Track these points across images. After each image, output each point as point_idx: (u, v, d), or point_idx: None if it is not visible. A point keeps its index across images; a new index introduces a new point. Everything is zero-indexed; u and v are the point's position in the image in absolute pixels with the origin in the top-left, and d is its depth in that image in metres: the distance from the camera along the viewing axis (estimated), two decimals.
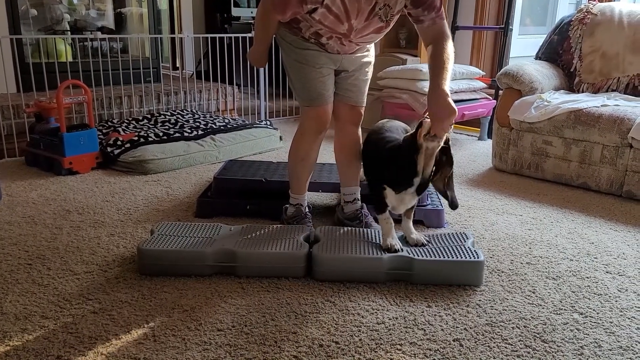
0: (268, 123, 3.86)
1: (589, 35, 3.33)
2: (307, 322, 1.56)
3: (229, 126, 3.60)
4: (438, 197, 2.42)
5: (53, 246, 2.06)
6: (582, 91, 3.28)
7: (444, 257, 1.79)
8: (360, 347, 1.45)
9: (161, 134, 3.31)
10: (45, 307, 1.62)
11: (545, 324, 1.58)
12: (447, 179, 1.82)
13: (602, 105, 2.83)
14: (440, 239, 1.96)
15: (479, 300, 1.71)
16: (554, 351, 1.45)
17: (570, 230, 2.31)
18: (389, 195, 1.85)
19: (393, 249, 1.83)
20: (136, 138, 3.21)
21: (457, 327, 1.55)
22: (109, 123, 3.64)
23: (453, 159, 1.80)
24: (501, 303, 1.69)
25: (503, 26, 4.06)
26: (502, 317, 1.61)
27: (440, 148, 1.74)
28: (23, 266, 1.89)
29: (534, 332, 1.54)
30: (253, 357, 1.40)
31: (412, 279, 1.80)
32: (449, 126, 1.69)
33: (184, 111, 4.02)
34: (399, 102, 3.79)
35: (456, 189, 2.37)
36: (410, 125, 2.11)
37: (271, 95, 4.97)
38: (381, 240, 1.90)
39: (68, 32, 4.46)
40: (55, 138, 2.98)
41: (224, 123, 3.67)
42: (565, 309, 1.66)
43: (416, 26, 1.88)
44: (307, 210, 2.24)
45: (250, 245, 1.86)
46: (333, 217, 2.36)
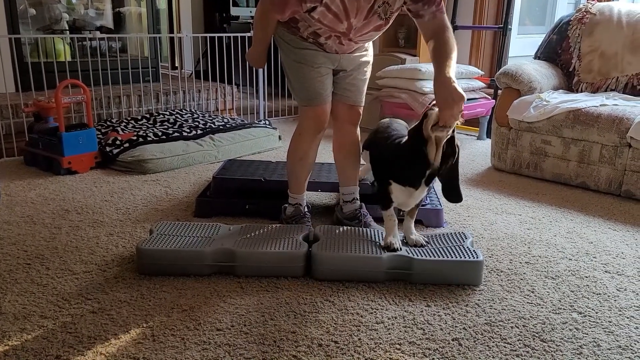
0: (267, 123, 3.85)
1: (588, 34, 3.33)
2: (306, 322, 1.56)
3: (228, 126, 3.60)
4: (437, 197, 2.42)
5: (52, 246, 2.06)
6: (581, 91, 3.28)
7: (443, 257, 1.79)
8: (359, 347, 1.45)
9: (160, 134, 3.31)
10: (44, 307, 1.62)
11: (544, 324, 1.58)
12: (453, 168, 1.79)
13: (601, 104, 2.83)
14: (439, 239, 1.96)
15: (478, 299, 1.71)
16: (553, 350, 1.45)
17: (569, 229, 2.31)
18: (396, 190, 1.82)
19: (392, 248, 1.83)
20: (135, 138, 3.20)
21: (456, 327, 1.55)
22: (108, 123, 3.63)
23: (459, 148, 1.77)
24: (500, 302, 1.69)
25: (502, 26, 4.06)
26: (501, 317, 1.61)
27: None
28: (22, 266, 1.89)
29: (533, 332, 1.54)
30: (252, 357, 1.40)
31: (412, 279, 1.80)
32: (459, 113, 1.64)
33: (183, 111, 4.02)
34: (398, 102, 3.79)
35: None
36: (410, 125, 2.10)
37: (270, 94, 4.97)
38: (383, 237, 1.90)
39: (67, 32, 4.46)
40: (54, 138, 2.97)
41: (223, 123, 3.67)
42: (564, 309, 1.66)
43: (416, 21, 1.86)
44: (306, 209, 2.23)
45: (249, 244, 1.86)
46: (332, 217, 2.36)
